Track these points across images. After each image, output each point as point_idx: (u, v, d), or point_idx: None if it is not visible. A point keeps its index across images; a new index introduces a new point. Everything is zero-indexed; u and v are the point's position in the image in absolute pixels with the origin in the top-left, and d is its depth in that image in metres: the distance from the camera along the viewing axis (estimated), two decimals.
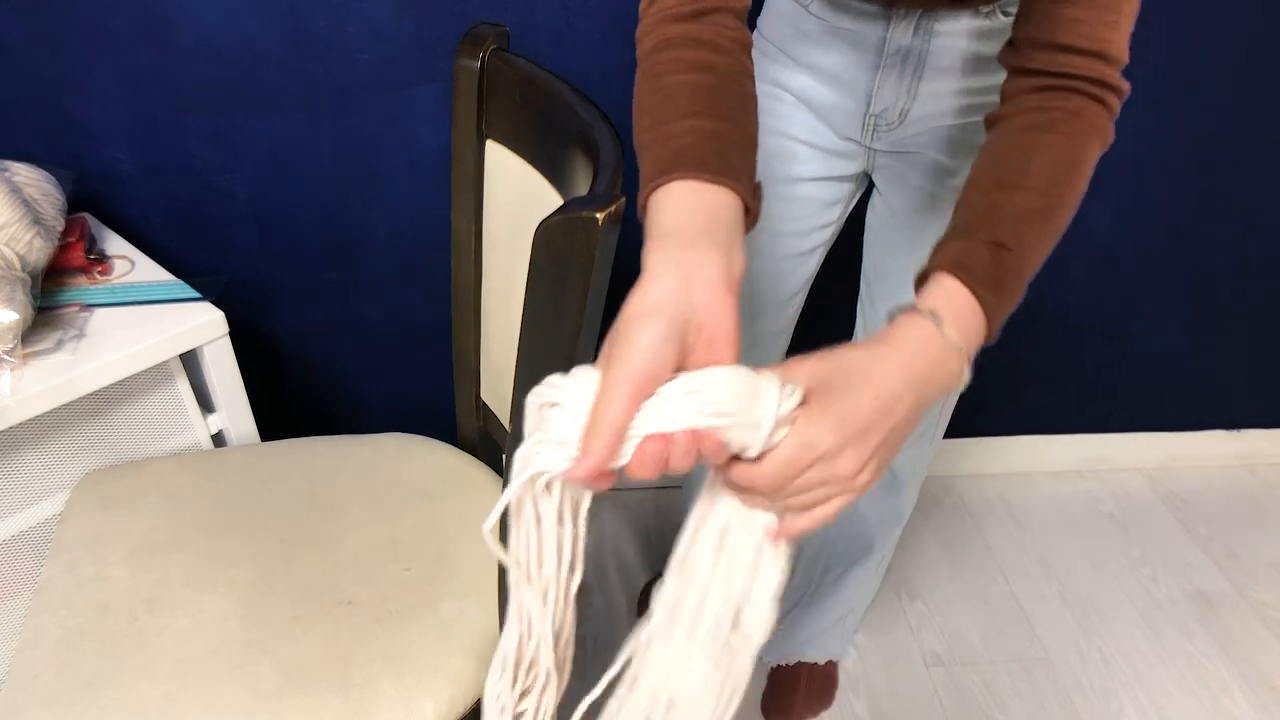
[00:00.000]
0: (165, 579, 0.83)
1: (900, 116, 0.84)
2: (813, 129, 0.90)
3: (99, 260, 1.07)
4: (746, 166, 0.56)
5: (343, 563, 0.86)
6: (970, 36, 0.79)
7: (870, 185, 0.96)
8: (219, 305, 1.02)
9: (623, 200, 0.55)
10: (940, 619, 1.51)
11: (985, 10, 0.77)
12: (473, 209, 0.89)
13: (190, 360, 1.03)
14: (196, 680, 0.74)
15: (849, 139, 0.89)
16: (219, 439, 1.11)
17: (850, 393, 0.48)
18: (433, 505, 0.93)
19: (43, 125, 1.12)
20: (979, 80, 0.81)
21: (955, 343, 0.52)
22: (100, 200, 1.18)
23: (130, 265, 1.08)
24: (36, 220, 0.95)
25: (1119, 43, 0.61)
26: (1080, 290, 1.55)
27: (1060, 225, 0.59)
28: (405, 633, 0.79)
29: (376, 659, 0.77)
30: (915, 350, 0.51)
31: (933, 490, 1.76)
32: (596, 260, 0.55)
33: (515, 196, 0.83)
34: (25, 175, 0.98)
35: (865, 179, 0.96)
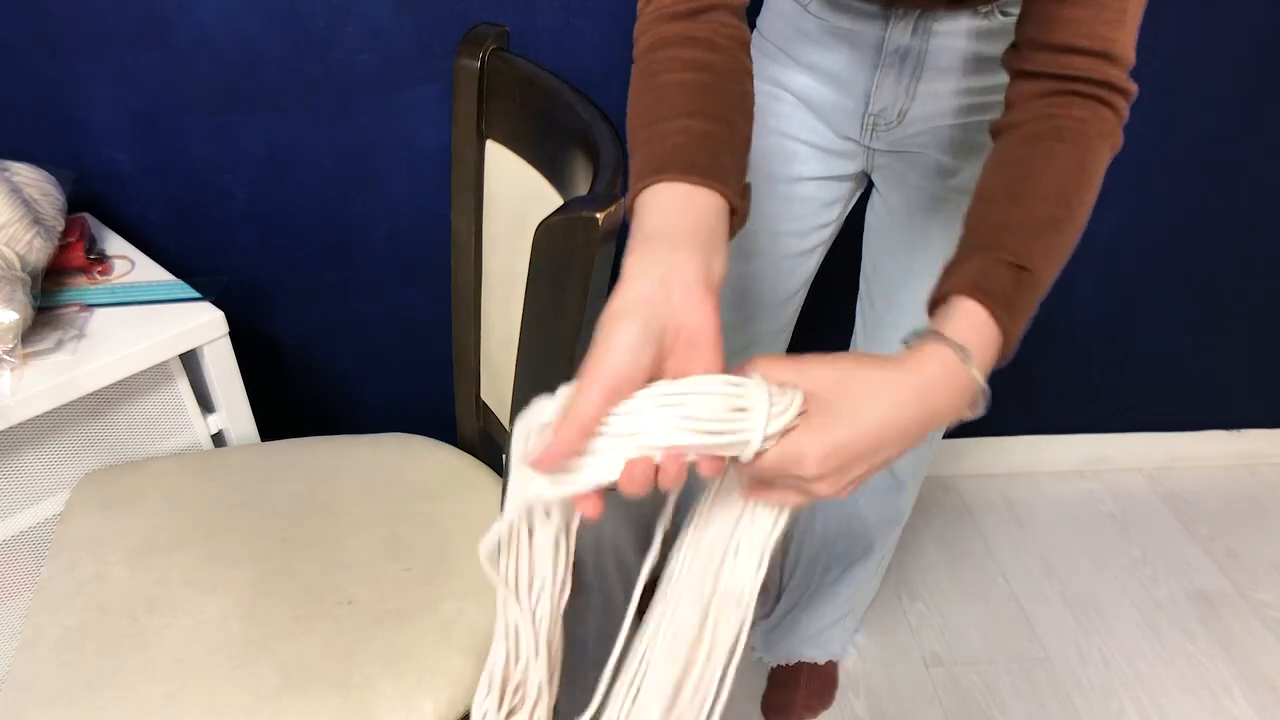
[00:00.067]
0: (165, 579, 0.83)
1: (899, 116, 0.84)
2: (812, 128, 0.90)
3: (99, 260, 1.07)
4: (736, 166, 0.56)
5: (343, 563, 0.86)
6: (970, 37, 0.79)
7: (870, 185, 0.97)
8: (219, 305, 1.02)
9: (623, 200, 0.55)
10: (940, 619, 1.51)
11: (984, 10, 0.77)
12: (473, 209, 0.89)
13: (190, 360, 1.03)
14: (196, 680, 0.74)
15: (848, 138, 0.89)
16: (219, 439, 1.11)
17: (853, 420, 0.46)
18: (433, 505, 0.93)
19: (43, 125, 1.12)
20: (979, 80, 0.81)
21: (977, 379, 0.50)
22: (100, 200, 1.18)
23: (130, 265, 1.08)
24: (36, 220, 0.95)
25: (1123, 42, 0.59)
26: (1081, 291, 1.55)
27: (1074, 238, 0.58)
28: (405, 633, 0.79)
29: (376, 659, 0.77)
30: (936, 385, 0.49)
31: (933, 490, 1.76)
32: (596, 260, 0.55)
33: (515, 196, 0.83)
34: (25, 175, 0.98)
35: (865, 179, 0.96)
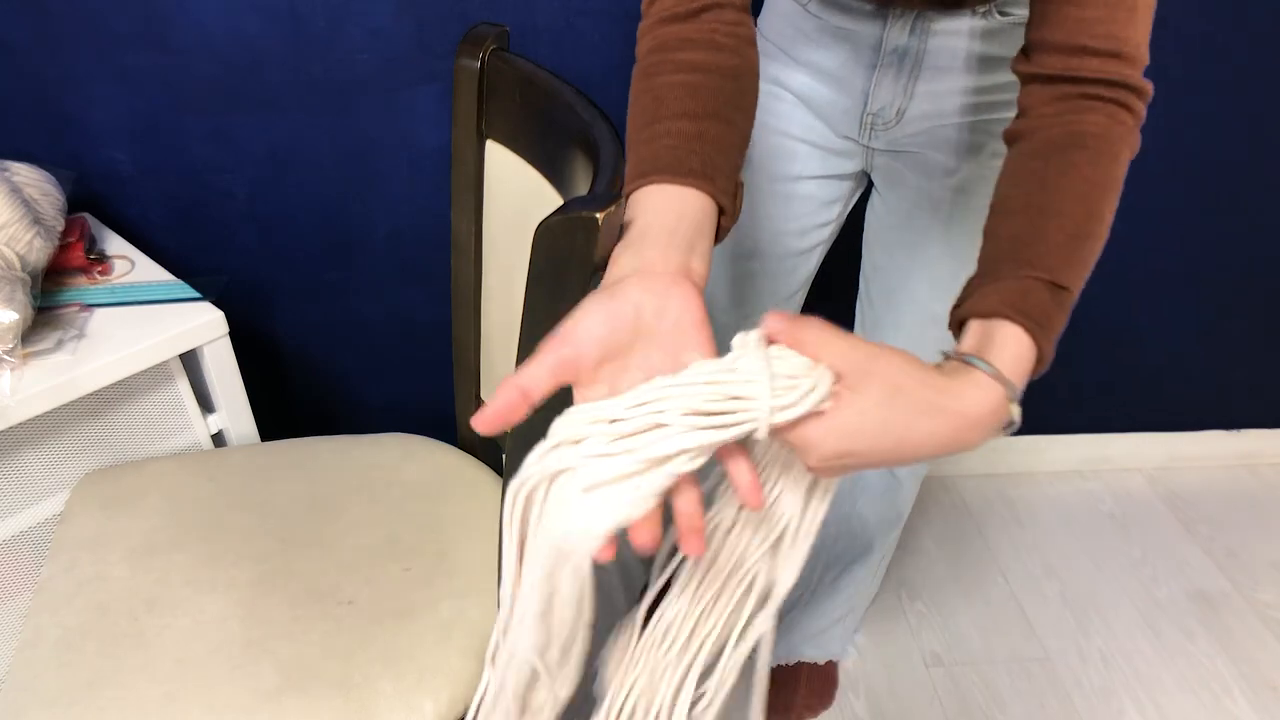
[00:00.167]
0: (165, 579, 0.83)
1: (897, 116, 0.84)
2: (811, 128, 0.90)
3: (99, 260, 1.07)
4: (728, 164, 0.56)
5: (343, 563, 0.86)
6: (970, 36, 0.79)
7: (870, 185, 0.96)
8: (219, 305, 1.02)
9: (623, 200, 0.55)
10: (940, 619, 1.51)
11: (981, 10, 0.77)
12: (473, 209, 0.89)
13: (190, 360, 1.03)
14: (196, 680, 0.74)
15: (847, 138, 0.89)
16: (219, 439, 1.11)
17: (879, 434, 0.45)
18: (433, 505, 0.93)
19: (43, 125, 1.12)
20: (979, 80, 0.81)
21: (1014, 418, 0.49)
22: (100, 200, 1.18)
23: (130, 265, 1.08)
24: (36, 220, 0.95)
25: (1135, 40, 0.57)
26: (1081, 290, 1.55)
27: (1100, 250, 0.57)
28: (405, 633, 0.79)
29: (376, 659, 0.77)
30: (978, 423, 0.47)
31: (933, 490, 1.76)
32: (596, 260, 0.55)
33: (515, 196, 0.83)
34: (25, 175, 0.98)
35: (865, 178, 0.96)
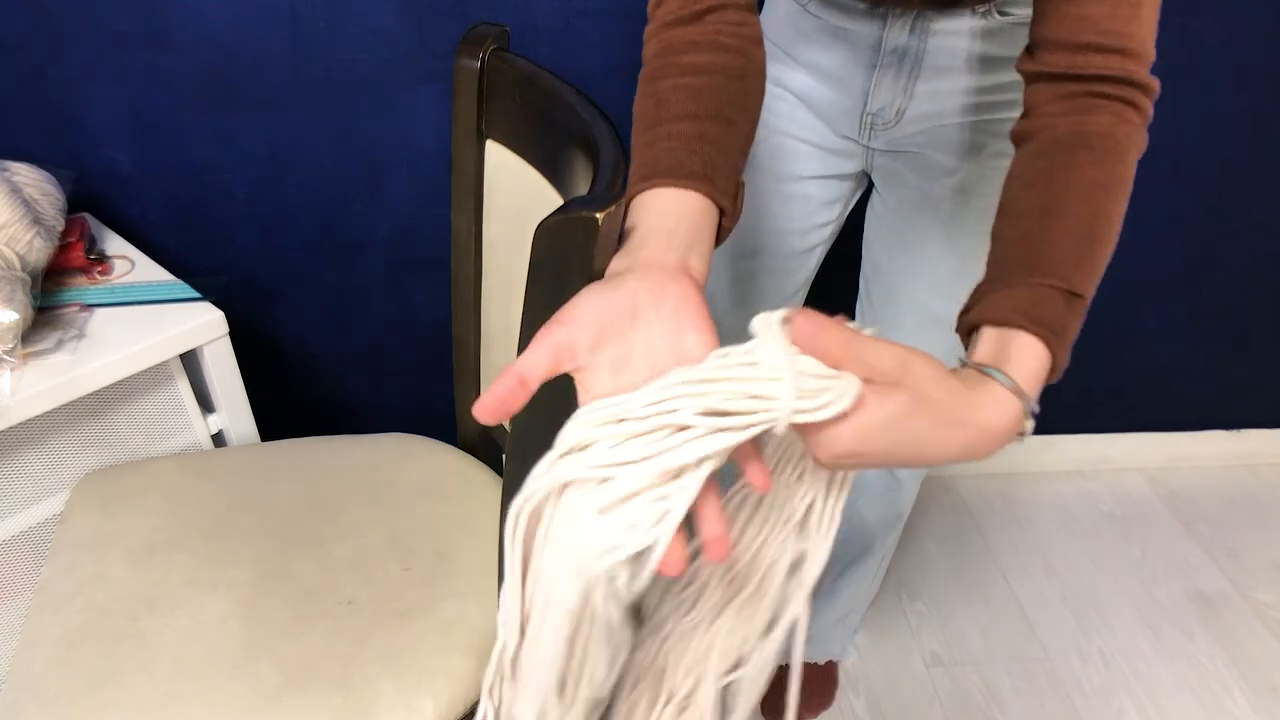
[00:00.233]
0: (165, 579, 0.83)
1: (897, 116, 0.84)
2: (812, 127, 0.90)
3: (99, 260, 1.07)
4: (728, 165, 0.56)
5: (343, 563, 0.86)
6: (970, 36, 0.79)
7: (870, 185, 0.96)
8: (219, 305, 1.02)
9: (623, 200, 0.55)
10: (940, 619, 1.51)
11: (981, 10, 0.77)
12: (473, 209, 0.89)
13: (190, 360, 1.03)
14: (196, 680, 0.74)
15: (847, 137, 0.89)
16: (219, 439, 1.11)
17: (894, 443, 0.44)
18: (433, 505, 0.93)
19: (43, 125, 1.12)
20: (979, 80, 0.81)
21: (1028, 430, 0.49)
22: (100, 200, 1.18)
23: (130, 265, 1.08)
24: (36, 220, 0.95)
25: (1141, 36, 0.56)
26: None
27: (1110, 251, 0.56)
28: (405, 633, 0.79)
29: (376, 659, 0.77)
30: (994, 437, 0.46)
31: (933, 490, 1.76)
32: (596, 260, 0.55)
33: (515, 196, 0.83)
34: (25, 175, 0.98)
35: (865, 178, 0.96)
